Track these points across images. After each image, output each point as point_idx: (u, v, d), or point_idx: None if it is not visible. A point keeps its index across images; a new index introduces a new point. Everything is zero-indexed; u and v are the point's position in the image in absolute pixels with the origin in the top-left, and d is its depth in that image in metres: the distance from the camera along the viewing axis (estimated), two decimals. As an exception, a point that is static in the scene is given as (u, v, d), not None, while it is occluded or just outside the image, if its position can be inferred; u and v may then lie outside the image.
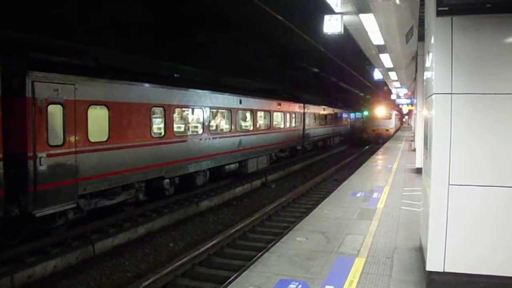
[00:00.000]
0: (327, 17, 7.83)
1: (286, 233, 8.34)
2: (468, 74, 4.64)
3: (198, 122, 14.59)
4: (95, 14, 11.67)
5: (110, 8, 11.80)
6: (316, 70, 28.27)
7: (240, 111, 17.16)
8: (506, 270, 4.59)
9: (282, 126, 22.09)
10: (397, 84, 24.76)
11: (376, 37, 9.85)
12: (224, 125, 16.40)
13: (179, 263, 8.20)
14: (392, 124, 42.72)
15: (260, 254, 8.27)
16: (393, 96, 36.58)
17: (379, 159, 19.34)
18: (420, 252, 6.11)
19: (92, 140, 9.84)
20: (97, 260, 8.96)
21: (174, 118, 12.95)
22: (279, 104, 21.32)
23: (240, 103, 16.98)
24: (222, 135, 15.73)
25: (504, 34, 4.59)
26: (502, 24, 4.55)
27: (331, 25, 7.84)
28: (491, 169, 4.64)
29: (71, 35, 11.36)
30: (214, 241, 9.47)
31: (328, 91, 39.48)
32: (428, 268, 4.88)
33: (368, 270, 5.76)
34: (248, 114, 18.41)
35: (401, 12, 7.91)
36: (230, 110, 16.23)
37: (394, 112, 44.72)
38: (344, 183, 13.30)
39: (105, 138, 10.29)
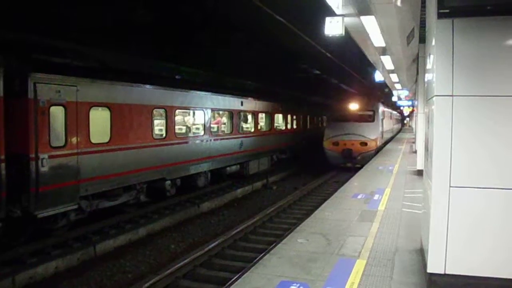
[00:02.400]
0: (328, 19, 7.85)
1: (287, 235, 8.34)
2: (469, 76, 4.65)
3: (199, 124, 14.63)
4: (96, 15, 11.69)
5: (111, 8, 11.82)
6: (317, 72, 28.23)
7: (241, 113, 17.20)
8: (507, 272, 4.59)
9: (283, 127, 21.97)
10: (398, 86, 24.77)
11: (377, 39, 9.86)
12: (225, 127, 16.45)
13: (180, 264, 8.21)
14: (375, 131, 21.52)
15: (261, 255, 8.27)
16: (394, 98, 35.99)
17: (380, 161, 19.32)
18: (421, 254, 6.12)
19: (93, 141, 9.87)
20: (98, 262, 8.97)
21: (175, 120, 12.99)
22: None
23: (242, 105, 17.02)
24: (223, 137, 15.76)
25: (505, 36, 4.59)
26: (503, 26, 4.56)
27: (332, 27, 7.86)
28: (492, 171, 4.65)
29: (72, 37, 11.39)
30: (215, 243, 9.48)
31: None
32: (429, 270, 4.88)
33: (369, 272, 5.76)
34: (249, 116, 18.45)
35: (402, 14, 7.92)
36: (231, 112, 16.26)
37: (381, 108, 23.78)
38: (345, 185, 13.29)
39: (106, 140, 10.32)
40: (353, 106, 22.20)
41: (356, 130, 20.99)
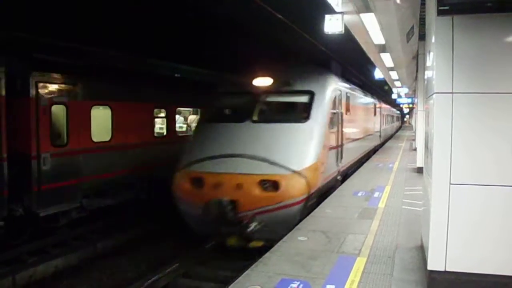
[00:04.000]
0: (327, 17, 7.84)
1: (287, 233, 8.34)
2: (469, 73, 4.64)
3: None
4: (97, 14, 11.72)
5: (112, 7, 11.85)
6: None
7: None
8: (507, 269, 4.60)
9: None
10: (398, 83, 24.77)
11: (377, 37, 9.86)
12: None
13: (178, 264, 8.20)
14: (307, 147, 8.27)
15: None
16: (394, 96, 35.84)
17: (380, 159, 19.33)
18: (421, 251, 6.12)
19: (95, 140, 9.90)
20: (98, 260, 8.98)
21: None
22: None
23: None
24: None
25: (505, 33, 4.59)
26: (503, 23, 4.55)
27: (332, 25, 7.85)
28: (492, 168, 4.65)
29: (74, 36, 11.41)
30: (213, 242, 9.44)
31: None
32: (429, 267, 4.88)
33: (370, 269, 5.77)
34: None
35: (401, 11, 7.92)
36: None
37: (334, 87, 9.99)
38: (345, 183, 13.28)
39: (108, 138, 10.34)
40: (259, 80, 9.51)
41: (253, 146, 8.36)
